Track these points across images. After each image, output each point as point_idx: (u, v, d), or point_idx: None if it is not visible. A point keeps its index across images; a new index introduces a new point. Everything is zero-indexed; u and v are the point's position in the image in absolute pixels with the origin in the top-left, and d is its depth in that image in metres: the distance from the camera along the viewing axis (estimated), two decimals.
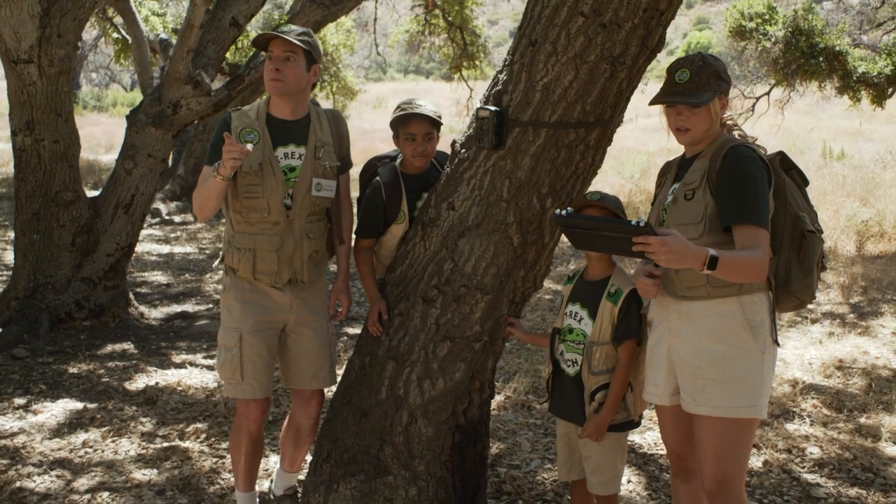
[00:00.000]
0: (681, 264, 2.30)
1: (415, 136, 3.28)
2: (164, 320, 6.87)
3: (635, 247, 2.24)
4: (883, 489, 3.91)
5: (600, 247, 2.57)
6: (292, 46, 3.10)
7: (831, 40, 15.88)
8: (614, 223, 2.43)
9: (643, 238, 2.23)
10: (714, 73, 2.56)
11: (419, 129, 3.28)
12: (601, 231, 2.38)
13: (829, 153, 21.18)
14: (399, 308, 3.23)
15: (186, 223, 12.10)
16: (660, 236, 2.22)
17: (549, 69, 2.82)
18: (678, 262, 2.27)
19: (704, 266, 2.27)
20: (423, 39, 19.66)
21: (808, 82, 16.91)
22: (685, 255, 2.27)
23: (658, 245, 2.21)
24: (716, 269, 2.29)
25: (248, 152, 2.93)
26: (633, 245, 2.24)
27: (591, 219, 2.50)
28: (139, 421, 4.49)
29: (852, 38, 17.01)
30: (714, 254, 2.27)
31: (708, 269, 2.28)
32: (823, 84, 16.91)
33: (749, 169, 2.45)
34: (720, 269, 2.29)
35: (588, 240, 2.47)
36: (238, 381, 3.19)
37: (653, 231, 2.24)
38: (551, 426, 4.59)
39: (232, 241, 3.23)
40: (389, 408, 3.18)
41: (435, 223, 3.19)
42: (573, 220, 2.42)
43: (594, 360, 2.87)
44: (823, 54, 15.90)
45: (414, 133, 3.28)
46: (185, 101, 6.57)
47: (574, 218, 2.43)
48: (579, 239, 2.49)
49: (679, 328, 2.60)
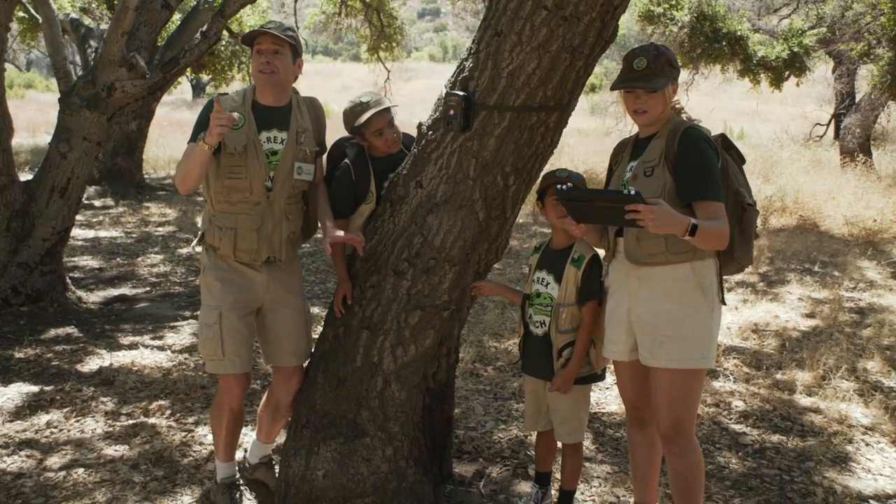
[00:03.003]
0: (666, 230, 2.59)
1: (381, 129, 3.46)
2: (103, 304, 6.85)
3: (627, 215, 2.52)
4: (800, 434, 4.37)
5: (597, 218, 2.84)
6: (280, 41, 3.26)
7: (733, 25, 16.69)
8: (609, 193, 2.71)
9: (634, 206, 2.50)
10: (667, 60, 2.86)
11: (382, 122, 3.45)
12: (597, 202, 2.65)
13: (730, 133, 22.24)
14: (371, 280, 3.44)
15: (107, 207, 11.89)
16: (649, 205, 2.50)
17: (514, 58, 3.07)
18: (665, 227, 2.56)
19: (687, 232, 2.57)
20: (339, 21, 19.64)
21: (712, 65, 17.74)
22: (671, 221, 2.56)
23: (648, 212, 2.49)
24: (695, 236, 2.59)
25: (234, 119, 3.08)
26: (626, 214, 2.52)
27: (588, 191, 2.78)
28: (100, 401, 4.57)
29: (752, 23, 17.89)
30: (695, 222, 2.58)
31: (689, 235, 2.58)
32: (726, 67, 17.78)
33: (704, 149, 2.76)
34: (698, 235, 2.60)
35: (586, 212, 2.74)
36: (220, 357, 3.34)
37: (643, 200, 2.52)
38: (500, 391, 4.89)
39: (213, 220, 3.37)
40: (365, 374, 3.39)
41: (403, 200, 3.40)
42: (573, 193, 2.69)
43: (561, 320, 3.16)
44: (726, 39, 16.71)
45: (380, 127, 3.45)
46: (120, 83, 6.54)
47: (573, 192, 2.69)
48: (578, 211, 2.75)
49: (638, 291, 2.91)
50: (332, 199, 3.55)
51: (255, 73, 3.29)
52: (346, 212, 3.53)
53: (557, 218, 3.21)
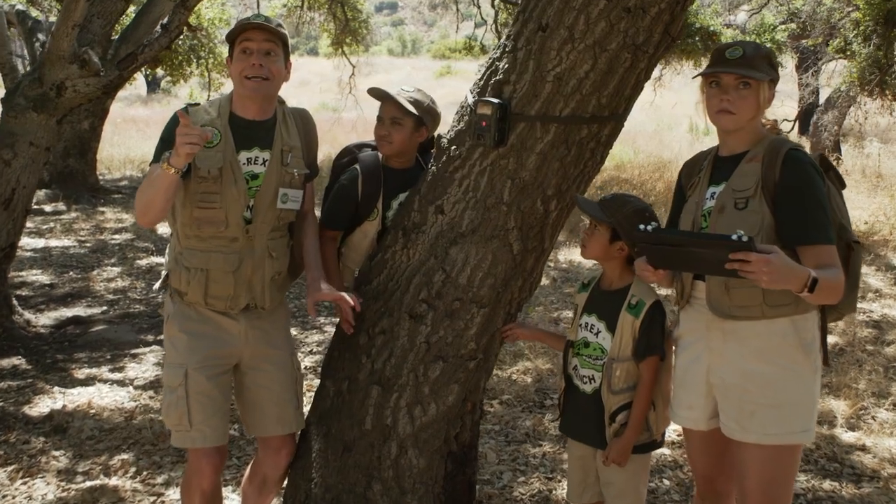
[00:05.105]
0: (782, 285, 2.06)
1: (382, 118, 2.99)
2: (54, 327, 6.14)
3: (731, 264, 1.98)
4: (853, 479, 3.89)
5: (685, 264, 2.28)
6: (274, 37, 2.65)
7: (706, 20, 16.40)
8: (710, 238, 2.15)
9: (743, 254, 1.97)
10: (766, 56, 2.33)
11: (386, 112, 2.98)
12: (691, 247, 2.10)
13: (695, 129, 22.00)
14: (381, 325, 2.86)
15: (59, 213, 11.08)
16: (762, 253, 1.96)
17: (562, 57, 2.51)
18: (781, 282, 2.03)
19: (805, 288, 2.04)
20: (302, 14, 18.91)
21: (685, 61, 17.44)
22: (789, 275, 2.03)
23: (760, 264, 1.95)
24: (813, 292, 2.06)
25: (207, 137, 2.46)
26: (728, 262, 1.98)
27: (681, 234, 2.23)
28: (51, 455, 3.91)
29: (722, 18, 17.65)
30: (815, 275, 2.05)
31: (808, 291, 2.05)
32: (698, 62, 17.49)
33: (813, 179, 2.24)
34: (817, 291, 2.06)
35: (671, 257, 2.19)
36: (186, 428, 2.70)
37: (755, 247, 1.98)
38: (512, 432, 4.35)
39: (179, 258, 2.74)
40: (376, 439, 2.82)
41: (420, 229, 2.83)
42: (660, 236, 2.13)
43: (614, 378, 2.61)
44: (699, 34, 16.40)
45: (381, 115, 2.99)
46: (71, 82, 5.83)
47: (662, 234, 2.14)
48: (660, 256, 2.20)
49: (722, 348, 2.37)
50: (328, 205, 3.00)
51: (240, 78, 2.65)
52: (338, 223, 3.00)
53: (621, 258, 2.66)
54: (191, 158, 2.46)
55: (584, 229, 2.73)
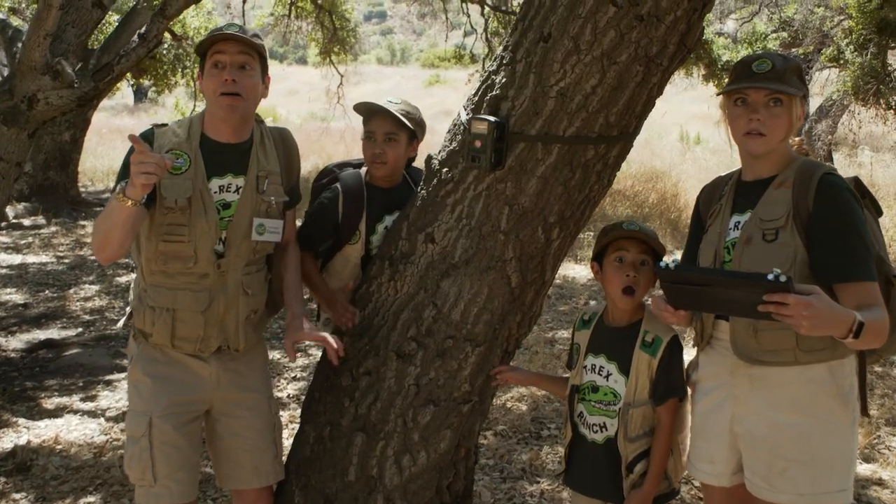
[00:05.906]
0: (824, 331, 1.81)
1: (373, 134, 2.71)
2: (25, 351, 5.84)
3: (765, 306, 1.72)
4: None
5: (711, 305, 2.03)
6: (249, 48, 2.38)
7: None
8: (743, 277, 1.88)
9: (780, 296, 1.71)
10: (797, 68, 2.09)
11: (379, 128, 2.71)
12: (719, 286, 1.84)
13: (686, 138, 21.84)
14: (366, 366, 2.60)
15: (38, 227, 10.76)
16: (801, 295, 1.71)
17: (567, 70, 2.26)
18: (823, 328, 1.78)
19: (850, 334, 1.79)
20: (289, 23, 18.65)
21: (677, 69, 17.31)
22: (832, 320, 1.78)
23: (800, 307, 1.70)
24: (858, 338, 1.80)
25: (166, 165, 2.18)
26: (762, 304, 1.72)
27: (709, 272, 1.97)
28: (11, 499, 3.62)
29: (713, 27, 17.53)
30: (861, 319, 1.79)
31: (853, 337, 1.79)
32: (690, 71, 17.34)
33: (852, 207, 1.99)
34: (862, 336, 1.81)
35: (696, 297, 1.93)
36: (150, 483, 2.43)
37: (793, 287, 1.72)
38: (507, 467, 4.08)
39: (144, 297, 2.47)
40: (360, 491, 2.55)
41: (408, 259, 2.57)
42: (684, 274, 1.88)
43: (632, 425, 2.34)
44: None
45: (373, 131, 2.72)
46: (44, 94, 5.54)
47: (686, 272, 1.88)
48: (683, 296, 1.95)
49: (749, 396, 2.11)
50: (304, 223, 2.74)
51: (213, 95, 2.38)
52: (313, 242, 2.75)
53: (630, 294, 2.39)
54: (148, 189, 2.19)
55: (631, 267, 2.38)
